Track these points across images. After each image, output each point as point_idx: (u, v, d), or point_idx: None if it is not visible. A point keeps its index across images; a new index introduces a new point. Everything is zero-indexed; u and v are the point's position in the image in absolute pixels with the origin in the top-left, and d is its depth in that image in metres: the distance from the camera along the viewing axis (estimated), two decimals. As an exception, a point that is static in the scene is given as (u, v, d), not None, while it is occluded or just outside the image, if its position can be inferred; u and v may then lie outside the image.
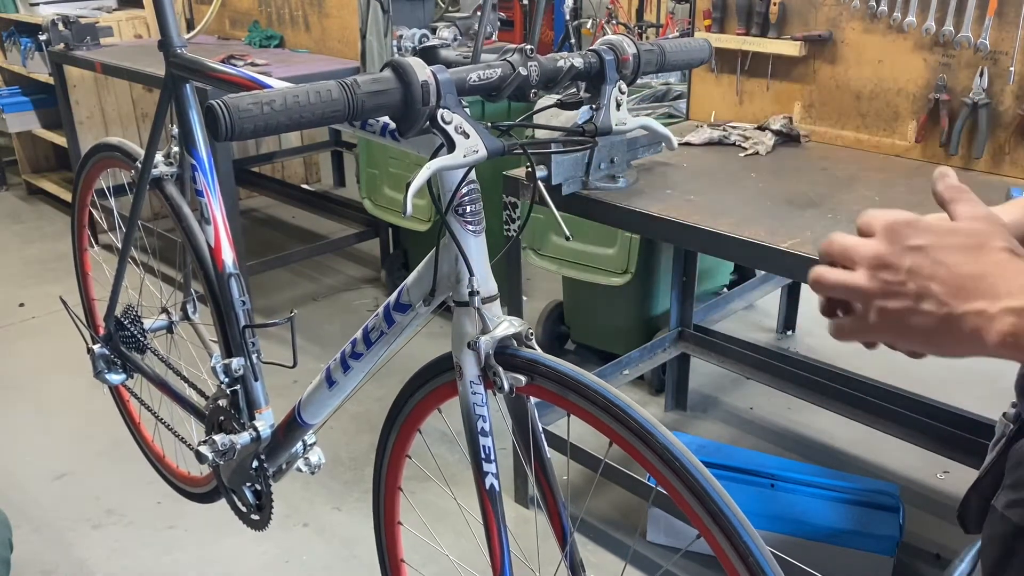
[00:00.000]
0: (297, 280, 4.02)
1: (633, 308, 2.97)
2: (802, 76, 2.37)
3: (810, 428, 2.78)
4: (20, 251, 4.41)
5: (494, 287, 1.12)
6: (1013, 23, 1.98)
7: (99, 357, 2.01)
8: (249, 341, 1.57)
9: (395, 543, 1.51)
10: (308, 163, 5.33)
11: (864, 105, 2.27)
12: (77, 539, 2.35)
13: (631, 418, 0.97)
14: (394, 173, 3.43)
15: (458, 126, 0.93)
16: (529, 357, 1.07)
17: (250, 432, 1.59)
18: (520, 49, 1.00)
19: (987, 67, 2.03)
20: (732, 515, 0.91)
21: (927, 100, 2.14)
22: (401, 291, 1.21)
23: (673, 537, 2.25)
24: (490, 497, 1.18)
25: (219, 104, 0.82)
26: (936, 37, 2.09)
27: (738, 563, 0.90)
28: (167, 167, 1.71)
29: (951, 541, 2.26)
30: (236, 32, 4.25)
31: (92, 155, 1.96)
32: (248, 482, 1.67)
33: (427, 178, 0.92)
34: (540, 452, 1.18)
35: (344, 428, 2.77)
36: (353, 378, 1.35)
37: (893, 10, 2.13)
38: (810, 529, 2.11)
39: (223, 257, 1.58)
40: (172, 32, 1.53)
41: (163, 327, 1.97)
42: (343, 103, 0.88)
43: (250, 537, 2.27)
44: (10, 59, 4.84)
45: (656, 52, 1.08)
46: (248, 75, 1.36)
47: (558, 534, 1.23)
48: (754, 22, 2.42)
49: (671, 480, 0.94)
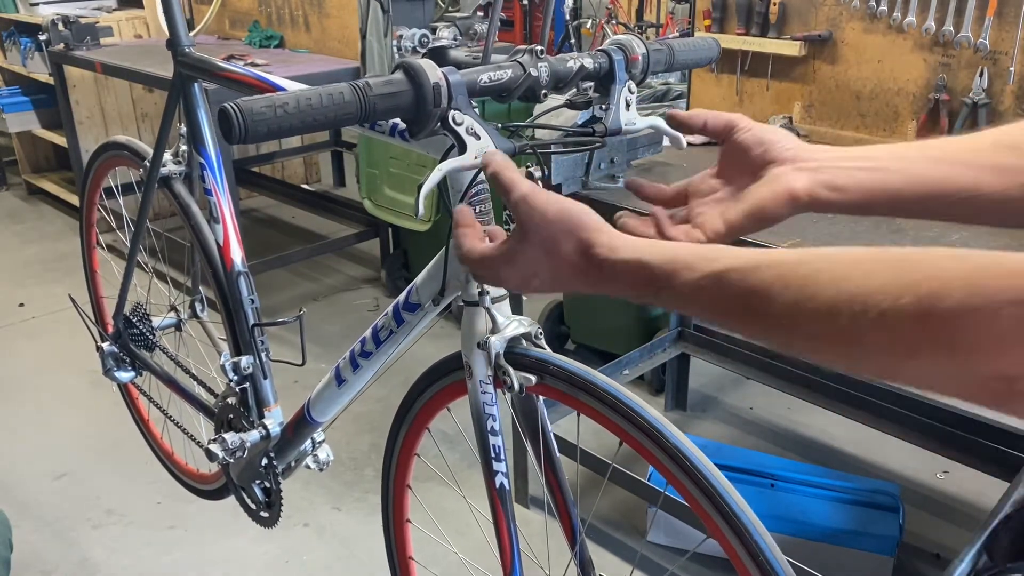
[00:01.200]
0: (297, 280, 4.03)
1: (633, 308, 2.98)
2: (802, 76, 2.38)
3: (810, 428, 2.79)
4: (20, 251, 4.40)
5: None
6: (1013, 23, 1.99)
7: (108, 355, 2.02)
8: (258, 339, 1.57)
9: (404, 541, 1.52)
10: (308, 163, 5.33)
11: (864, 105, 2.28)
12: (77, 539, 2.35)
13: (641, 418, 0.98)
14: (394, 173, 3.43)
15: (469, 127, 0.93)
16: (539, 356, 1.07)
17: (260, 430, 1.60)
18: (530, 50, 1.00)
19: (987, 67, 2.04)
20: (743, 515, 0.91)
21: (927, 100, 2.15)
22: (411, 290, 1.22)
23: (674, 538, 2.26)
24: (500, 496, 1.19)
25: (233, 107, 0.82)
26: (936, 37, 2.10)
27: (750, 563, 0.91)
28: (175, 166, 1.72)
29: (951, 541, 2.27)
30: (236, 32, 4.25)
31: (100, 153, 1.96)
32: (257, 479, 1.68)
33: (439, 179, 0.93)
34: (550, 451, 1.19)
35: (345, 428, 2.77)
36: (362, 376, 1.35)
37: (893, 10, 2.14)
38: (810, 529, 2.12)
39: (232, 256, 1.58)
40: (180, 31, 1.53)
41: (172, 325, 1.97)
42: (356, 105, 0.88)
43: (250, 537, 2.28)
44: (10, 59, 4.83)
45: (665, 51, 1.09)
46: (256, 74, 1.37)
47: (568, 533, 1.23)
48: (754, 22, 2.43)
49: (682, 480, 0.95)
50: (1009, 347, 0.48)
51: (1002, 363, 0.49)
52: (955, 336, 0.50)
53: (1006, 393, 0.50)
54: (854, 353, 0.56)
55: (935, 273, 0.52)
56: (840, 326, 0.55)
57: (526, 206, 0.77)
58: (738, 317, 0.63)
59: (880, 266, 0.55)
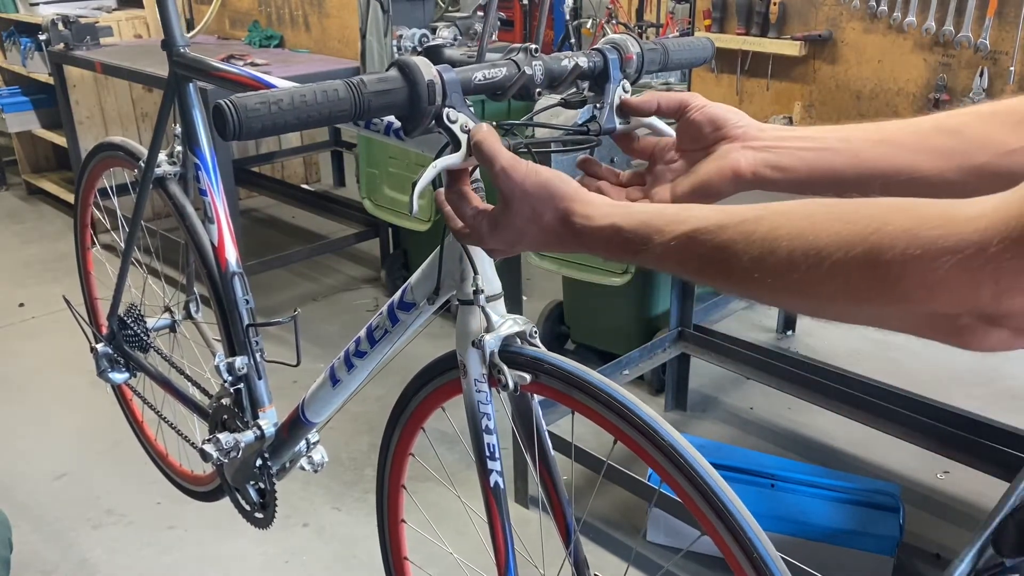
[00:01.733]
0: (297, 280, 4.02)
1: (633, 308, 2.97)
2: (802, 76, 2.38)
3: (810, 428, 2.78)
4: (20, 251, 4.41)
5: (498, 285, 1.12)
6: (1013, 23, 1.98)
7: (102, 356, 2.01)
8: (253, 340, 1.57)
9: (399, 541, 1.52)
10: (308, 163, 5.33)
11: (864, 105, 2.28)
12: (77, 539, 2.35)
13: (636, 416, 0.97)
14: (394, 173, 3.43)
15: (463, 125, 0.93)
16: (533, 355, 1.07)
17: (254, 430, 1.60)
18: (525, 48, 1.00)
19: (987, 67, 2.04)
20: (738, 512, 0.91)
21: (927, 100, 2.15)
22: (405, 289, 1.22)
23: (674, 537, 2.26)
24: (494, 494, 1.18)
25: (227, 103, 0.82)
26: (936, 37, 2.10)
27: (744, 560, 0.90)
28: (170, 166, 1.71)
29: (951, 541, 2.27)
30: (236, 32, 4.25)
31: (95, 154, 1.96)
32: (252, 480, 1.67)
33: (432, 177, 0.92)
34: (544, 450, 1.19)
35: (344, 428, 2.77)
36: (357, 376, 1.35)
37: (893, 10, 2.14)
38: (810, 529, 2.11)
39: (227, 256, 1.58)
40: (175, 31, 1.53)
41: (166, 326, 1.97)
42: (350, 102, 0.88)
43: (250, 537, 2.27)
44: (10, 59, 4.84)
45: (659, 51, 1.08)
46: (252, 74, 1.37)
47: (562, 532, 1.23)
48: (754, 22, 2.43)
49: (676, 477, 0.95)
50: (945, 291, 0.53)
51: (942, 305, 0.54)
52: (898, 284, 0.54)
53: (951, 329, 0.55)
54: (812, 301, 0.61)
55: (880, 226, 0.56)
56: (798, 278, 0.60)
57: (506, 177, 0.82)
58: (708, 274, 0.68)
59: (832, 220, 0.59)
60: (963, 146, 0.78)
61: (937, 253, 0.52)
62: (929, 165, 0.79)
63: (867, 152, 0.82)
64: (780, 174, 0.84)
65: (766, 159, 0.85)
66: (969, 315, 0.54)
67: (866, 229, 0.57)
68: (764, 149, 0.85)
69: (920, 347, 3.14)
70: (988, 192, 0.55)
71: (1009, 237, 0.50)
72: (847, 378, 2.44)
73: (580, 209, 0.79)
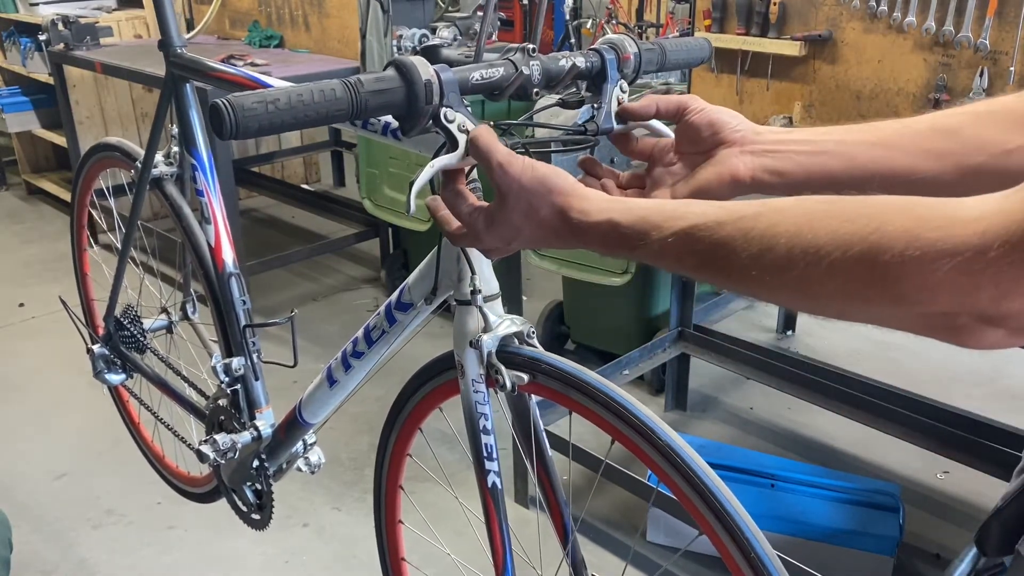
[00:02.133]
0: (297, 280, 4.02)
1: (633, 308, 2.97)
2: (802, 76, 2.38)
3: (810, 428, 2.78)
4: (20, 251, 4.41)
5: (496, 285, 1.12)
6: (1013, 23, 1.98)
7: (99, 357, 2.01)
8: (250, 341, 1.57)
9: (396, 542, 1.51)
10: (308, 163, 5.33)
11: (864, 105, 2.28)
12: (77, 539, 2.35)
13: (633, 415, 0.97)
14: (394, 173, 3.43)
15: (461, 125, 0.93)
16: (531, 355, 1.07)
17: (251, 431, 1.59)
18: (522, 48, 1.00)
19: (987, 67, 2.04)
20: (735, 512, 0.91)
21: (927, 100, 2.15)
22: (403, 290, 1.22)
23: (673, 537, 2.26)
24: (492, 495, 1.18)
25: (224, 103, 0.82)
26: (936, 37, 2.09)
27: (741, 560, 0.90)
28: (167, 167, 1.71)
29: (951, 541, 2.26)
30: (236, 32, 4.25)
31: (91, 155, 1.96)
32: (248, 481, 1.67)
33: (430, 177, 0.92)
34: (542, 450, 1.18)
35: (343, 428, 2.77)
36: (354, 377, 1.35)
37: (893, 10, 2.14)
38: (810, 529, 2.11)
39: (223, 257, 1.58)
40: (172, 32, 1.53)
41: (163, 327, 1.97)
42: (347, 102, 0.88)
43: (250, 537, 2.27)
44: (10, 59, 4.84)
45: (657, 51, 1.08)
46: (249, 75, 1.36)
47: (560, 532, 1.23)
48: (754, 22, 2.42)
49: (673, 477, 0.94)
50: (944, 293, 0.53)
51: (940, 306, 0.54)
52: (897, 285, 0.54)
53: (949, 327, 0.55)
54: (810, 299, 0.61)
55: (879, 226, 0.56)
56: (796, 275, 0.60)
57: (503, 172, 0.81)
58: (706, 270, 0.68)
59: (830, 219, 0.59)
60: (960, 147, 0.78)
61: (937, 255, 0.52)
62: (926, 167, 0.79)
63: (863, 155, 0.82)
64: (778, 178, 0.84)
65: (764, 164, 0.85)
66: (967, 315, 0.54)
67: (865, 229, 0.56)
68: (762, 153, 0.85)
69: (920, 347, 3.14)
70: (986, 191, 0.55)
71: (1010, 241, 0.50)
72: (847, 378, 2.44)
73: (577, 204, 0.78)
